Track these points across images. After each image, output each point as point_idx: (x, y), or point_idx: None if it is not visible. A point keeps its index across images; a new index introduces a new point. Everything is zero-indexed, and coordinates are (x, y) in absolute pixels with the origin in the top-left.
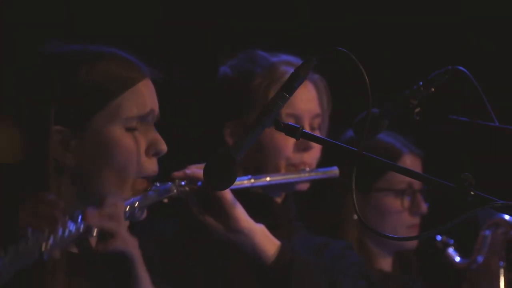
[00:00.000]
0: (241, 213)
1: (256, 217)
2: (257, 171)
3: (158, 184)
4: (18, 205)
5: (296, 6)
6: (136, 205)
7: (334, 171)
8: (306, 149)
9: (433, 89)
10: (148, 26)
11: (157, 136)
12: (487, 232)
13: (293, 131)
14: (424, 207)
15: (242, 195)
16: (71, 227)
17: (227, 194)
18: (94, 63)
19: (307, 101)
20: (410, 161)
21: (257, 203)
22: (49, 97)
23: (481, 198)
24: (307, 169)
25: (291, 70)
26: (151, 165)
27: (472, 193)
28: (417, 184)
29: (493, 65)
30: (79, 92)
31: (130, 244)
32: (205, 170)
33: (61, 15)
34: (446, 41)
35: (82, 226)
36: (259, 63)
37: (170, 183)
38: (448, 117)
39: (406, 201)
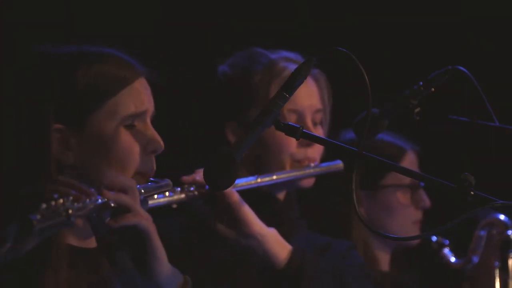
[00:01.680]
0: (252, 217)
1: (259, 215)
2: (262, 169)
3: (153, 179)
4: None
5: (296, 6)
6: (141, 190)
7: (338, 165)
8: (309, 144)
9: (433, 89)
10: (148, 26)
11: (154, 133)
12: (482, 232)
13: (293, 131)
14: (428, 201)
15: (244, 193)
16: (89, 202)
17: (237, 198)
18: (91, 63)
19: (308, 97)
20: (412, 159)
21: (260, 200)
22: (48, 96)
23: (481, 198)
24: (312, 165)
25: (291, 66)
26: (149, 163)
27: (472, 193)
28: None
29: (493, 65)
30: (77, 91)
31: (145, 218)
32: (205, 170)
33: (60, 15)
34: (446, 41)
35: (99, 201)
36: (259, 60)
37: (167, 179)
38: (448, 117)
39: (412, 195)
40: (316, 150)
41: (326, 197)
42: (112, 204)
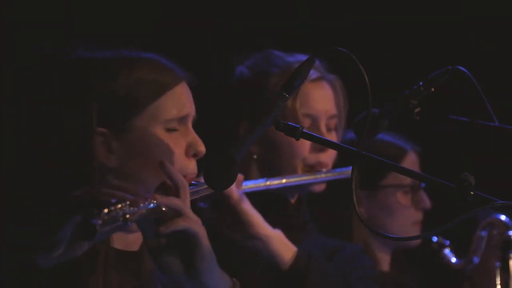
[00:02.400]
0: (258, 219)
1: (270, 217)
2: (274, 172)
3: (194, 182)
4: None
5: (296, 6)
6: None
7: (350, 171)
8: (322, 149)
9: (433, 89)
10: (148, 26)
11: (196, 137)
12: (483, 233)
13: (293, 131)
14: (428, 202)
15: (257, 194)
16: (142, 206)
17: (244, 200)
18: (132, 67)
19: (323, 102)
20: (412, 159)
21: (272, 203)
22: (90, 101)
23: (481, 198)
24: (324, 170)
25: None
26: (191, 166)
27: (472, 193)
28: None
29: (493, 65)
30: (120, 96)
31: (195, 222)
32: (205, 170)
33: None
34: (446, 41)
35: (151, 205)
36: (275, 63)
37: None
38: (448, 117)
39: (412, 196)
40: (329, 156)
41: (335, 199)
42: (164, 209)
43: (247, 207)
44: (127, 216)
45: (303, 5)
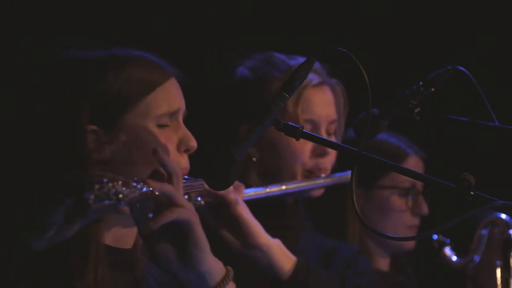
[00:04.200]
0: (257, 228)
1: (268, 218)
2: (273, 176)
3: (187, 177)
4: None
5: (296, 6)
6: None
7: (349, 176)
8: (322, 154)
9: (433, 89)
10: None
11: (187, 132)
12: (484, 231)
13: (293, 131)
14: (425, 208)
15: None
16: (136, 188)
17: (244, 209)
18: (122, 66)
19: (324, 107)
20: (414, 163)
21: (269, 203)
22: (81, 100)
23: (481, 198)
24: (323, 175)
25: (309, 75)
26: (183, 161)
27: (472, 193)
28: (420, 185)
29: (493, 65)
30: (110, 94)
31: (187, 210)
32: (205, 170)
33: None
34: (446, 41)
35: (144, 189)
36: (277, 67)
37: (200, 179)
38: (448, 117)
39: (409, 201)
40: (328, 161)
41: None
42: (157, 193)
43: (248, 216)
44: (120, 195)
45: (303, 5)
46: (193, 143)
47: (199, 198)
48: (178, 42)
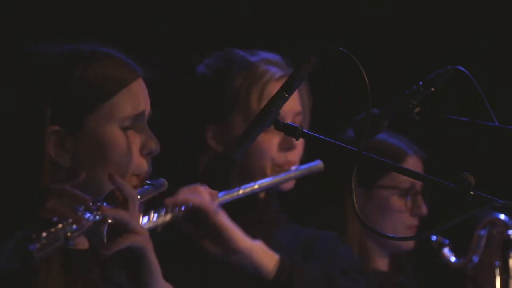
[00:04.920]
0: (237, 233)
1: (241, 213)
2: (243, 173)
3: (149, 182)
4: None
5: (296, 6)
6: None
7: (319, 165)
8: (289, 148)
9: (433, 89)
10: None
11: (151, 135)
12: (483, 232)
13: (293, 131)
14: (424, 208)
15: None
16: (88, 216)
17: (221, 214)
18: (88, 63)
19: (289, 100)
20: (413, 163)
21: (241, 200)
22: (44, 98)
23: (481, 198)
24: (293, 168)
25: (271, 69)
26: (145, 164)
27: (472, 193)
28: (419, 185)
29: (493, 65)
30: (74, 92)
31: (140, 236)
32: (204, 169)
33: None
34: (446, 41)
35: (97, 217)
36: (239, 64)
37: (162, 179)
38: (448, 117)
39: (408, 201)
40: (296, 154)
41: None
42: (110, 221)
43: (225, 221)
44: (68, 234)
45: (303, 5)
46: (156, 146)
47: (176, 208)
48: (142, 40)
